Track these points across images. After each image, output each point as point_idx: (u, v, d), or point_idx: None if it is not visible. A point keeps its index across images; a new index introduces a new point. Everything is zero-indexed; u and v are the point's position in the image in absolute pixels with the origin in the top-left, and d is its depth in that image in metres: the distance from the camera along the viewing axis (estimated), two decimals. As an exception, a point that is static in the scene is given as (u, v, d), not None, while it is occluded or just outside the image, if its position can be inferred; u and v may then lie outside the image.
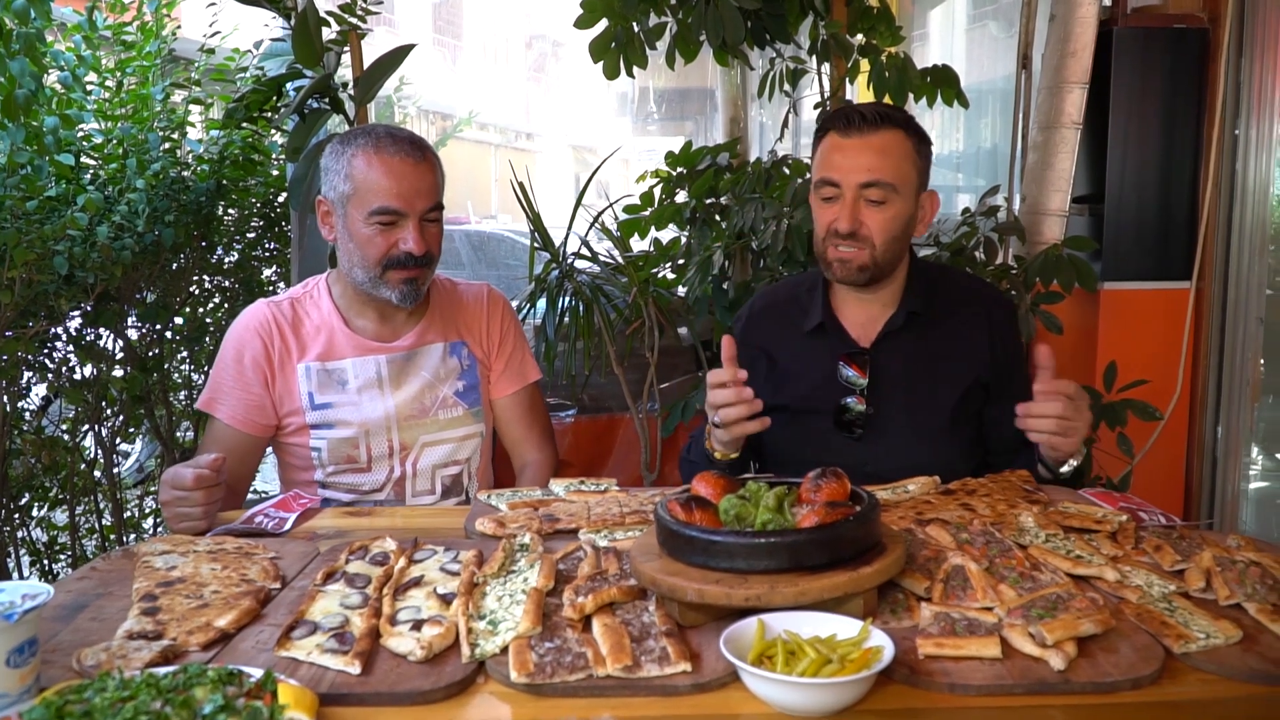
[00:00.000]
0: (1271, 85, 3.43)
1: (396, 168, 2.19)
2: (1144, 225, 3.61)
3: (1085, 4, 3.28)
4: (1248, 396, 3.54)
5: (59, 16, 3.02)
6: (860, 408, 2.24)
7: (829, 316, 2.30)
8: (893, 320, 2.27)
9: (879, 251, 2.17)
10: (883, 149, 2.15)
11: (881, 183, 2.14)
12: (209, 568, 1.62)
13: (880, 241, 2.16)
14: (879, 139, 2.15)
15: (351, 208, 2.21)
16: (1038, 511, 1.82)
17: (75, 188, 2.93)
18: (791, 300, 2.39)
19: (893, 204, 2.16)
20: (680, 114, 14.19)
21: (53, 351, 3.15)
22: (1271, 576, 1.51)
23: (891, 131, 2.17)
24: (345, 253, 2.26)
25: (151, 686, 1.09)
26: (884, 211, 2.16)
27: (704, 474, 1.60)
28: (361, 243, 2.21)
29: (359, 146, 2.21)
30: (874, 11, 3.47)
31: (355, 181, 2.19)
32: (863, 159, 2.15)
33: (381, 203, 2.18)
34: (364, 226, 2.20)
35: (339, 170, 2.22)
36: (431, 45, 26.90)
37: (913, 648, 1.32)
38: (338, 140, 2.27)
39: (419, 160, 2.22)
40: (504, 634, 1.35)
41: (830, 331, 2.30)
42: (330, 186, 2.24)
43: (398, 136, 2.24)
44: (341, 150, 2.23)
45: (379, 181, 2.18)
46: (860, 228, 2.15)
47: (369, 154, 2.19)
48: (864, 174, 2.14)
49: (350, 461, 2.32)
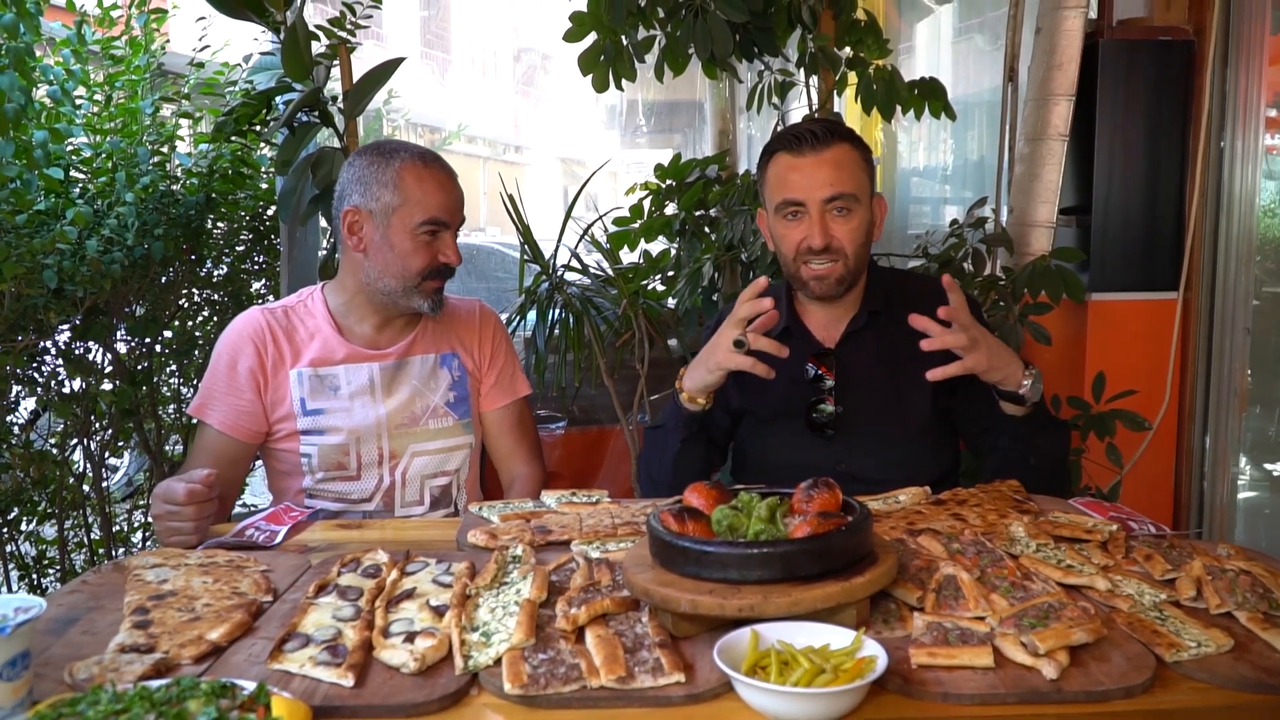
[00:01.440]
0: (1256, 97, 3.46)
1: (444, 182, 2.30)
2: (1131, 236, 3.62)
3: (1071, 16, 3.31)
4: (1235, 406, 3.56)
5: (48, 31, 3.02)
6: (831, 408, 2.28)
7: (794, 321, 2.36)
8: (855, 320, 2.33)
9: (851, 261, 2.24)
10: (837, 162, 2.21)
11: (844, 194, 2.20)
12: (200, 581, 1.62)
13: (851, 251, 2.23)
14: (831, 153, 2.21)
15: (397, 218, 2.26)
16: (1028, 521, 1.83)
17: (64, 201, 2.93)
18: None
19: (856, 213, 2.23)
20: (669, 127, 14.19)
21: (42, 365, 3.14)
22: (1261, 585, 1.52)
23: (841, 144, 2.23)
24: (381, 262, 2.29)
25: (145, 700, 1.09)
26: (850, 221, 2.22)
27: (696, 485, 1.61)
28: (404, 253, 2.26)
29: (404, 161, 2.27)
30: (861, 24, 3.48)
31: (406, 194, 2.25)
32: (821, 174, 2.20)
33: (433, 214, 2.26)
34: (410, 238, 2.26)
35: (386, 182, 2.26)
36: (420, 59, 26.90)
37: (905, 657, 1.32)
38: (373, 153, 2.30)
39: (453, 176, 2.34)
40: (497, 645, 1.35)
41: (795, 335, 2.34)
42: (372, 197, 2.27)
43: (433, 155, 2.34)
44: (386, 163, 2.27)
45: (432, 195, 2.27)
46: (832, 241, 2.21)
47: (418, 169, 2.27)
48: (827, 189, 2.20)
49: (340, 468, 2.32)
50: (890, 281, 2.40)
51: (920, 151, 6.51)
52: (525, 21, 34.59)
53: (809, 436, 2.30)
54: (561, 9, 3.30)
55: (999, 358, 2.04)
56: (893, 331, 2.29)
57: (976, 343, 1.98)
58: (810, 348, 2.33)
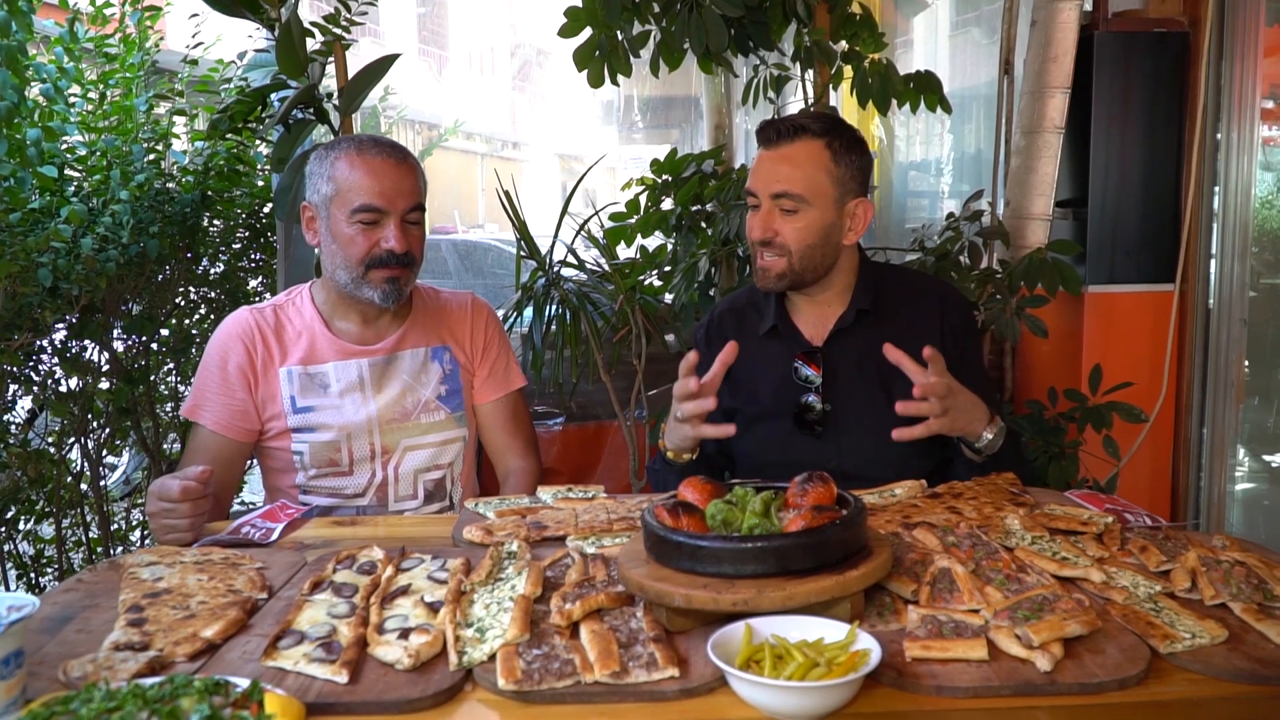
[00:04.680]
0: (1252, 88, 3.45)
1: (378, 167, 2.24)
2: (1127, 228, 3.62)
3: (1066, 9, 3.31)
4: (1232, 398, 3.56)
5: (40, 29, 3.01)
6: (819, 406, 2.28)
7: (782, 319, 2.36)
8: (843, 318, 2.32)
9: (795, 259, 2.23)
10: (793, 160, 2.21)
11: (790, 194, 2.20)
12: (195, 578, 1.62)
13: (796, 249, 2.22)
14: (791, 150, 2.21)
15: (334, 208, 2.24)
16: (1024, 514, 1.83)
17: (59, 200, 2.93)
18: (750, 305, 2.45)
19: (804, 214, 2.21)
20: (665, 122, 14.21)
21: (38, 364, 3.14)
22: (1256, 576, 1.52)
23: (806, 142, 2.22)
24: (329, 255, 2.29)
25: (138, 697, 1.09)
26: (795, 221, 2.21)
27: (691, 479, 1.61)
28: (344, 242, 2.25)
29: (341, 151, 2.26)
30: (856, 18, 3.48)
31: (338, 182, 2.24)
32: (774, 169, 2.22)
33: (363, 200, 2.22)
34: (346, 226, 2.24)
35: (322, 174, 2.26)
36: (417, 55, 26.88)
37: (900, 650, 1.32)
38: (322, 148, 2.31)
39: (400, 161, 2.28)
40: (491, 641, 1.35)
41: (784, 333, 2.35)
42: (314, 190, 2.28)
43: (379, 141, 2.31)
44: (325, 155, 2.28)
45: (361, 180, 2.23)
46: (775, 236, 2.22)
47: (351, 156, 2.25)
48: (774, 184, 2.21)
49: (332, 465, 2.33)
50: (881, 279, 2.38)
51: (916, 145, 6.51)
52: (522, 17, 34.59)
53: (798, 435, 2.30)
54: (558, 4, 3.29)
55: (965, 417, 2.06)
56: (881, 329, 2.28)
57: (947, 412, 1.99)
58: (798, 346, 2.33)
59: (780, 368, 2.31)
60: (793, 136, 2.21)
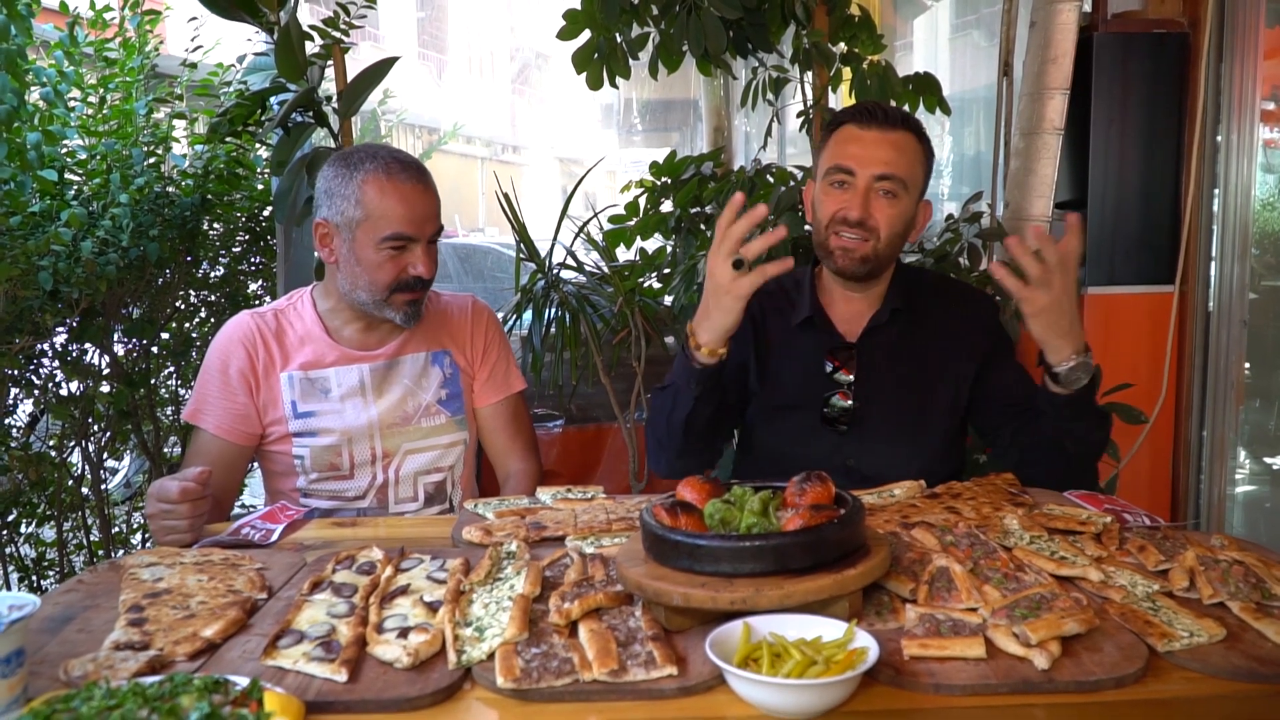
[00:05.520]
0: (1252, 90, 3.46)
1: (408, 194, 2.22)
2: (1127, 230, 3.63)
3: (1065, 10, 3.31)
4: (1232, 399, 3.56)
5: (40, 33, 3.02)
6: (845, 404, 2.26)
7: (817, 310, 2.32)
8: (878, 315, 2.30)
9: (882, 244, 2.20)
10: (899, 146, 2.19)
11: (895, 176, 2.18)
12: (195, 579, 1.62)
13: (885, 234, 2.19)
14: (897, 136, 2.20)
15: (361, 233, 2.21)
16: (1022, 514, 1.83)
17: (59, 203, 2.93)
18: (778, 290, 2.38)
19: (901, 200, 2.20)
20: (664, 124, 14.20)
21: (39, 368, 3.14)
22: (1254, 575, 1.52)
23: (908, 133, 2.21)
24: (349, 275, 2.26)
25: (138, 695, 1.09)
26: (894, 205, 2.19)
27: (689, 479, 1.60)
28: (371, 268, 2.23)
29: (369, 172, 2.20)
30: (855, 20, 3.48)
31: (367, 208, 2.20)
32: (880, 151, 2.18)
33: (396, 229, 2.20)
34: (374, 252, 2.21)
35: (348, 195, 2.21)
36: (416, 59, 26.93)
37: (898, 649, 1.32)
38: (340, 163, 2.25)
39: (427, 186, 2.26)
40: (490, 640, 1.35)
41: (818, 325, 2.32)
42: (336, 211, 2.23)
43: (405, 163, 2.26)
44: (349, 175, 2.22)
45: (394, 209, 2.20)
46: (869, 218, 2.18)
47: (381, 181, 2.20)
48: (880, 165, 2.17)
49: (333, 469, 2.33)
50: (916, 280, 2.37)
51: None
52: (521, 21, 34.65)
53: (821, 430, 2.27)
54: (557, 8, 3.30)
55: (1062, 316, 1.92)
56: (915, 330, 2.29)
57: (1049, 285, 1.87)
58: (831, 340, 2.30)
59: (810, 361, 2.28)
60: (897, 124, 2.20)
